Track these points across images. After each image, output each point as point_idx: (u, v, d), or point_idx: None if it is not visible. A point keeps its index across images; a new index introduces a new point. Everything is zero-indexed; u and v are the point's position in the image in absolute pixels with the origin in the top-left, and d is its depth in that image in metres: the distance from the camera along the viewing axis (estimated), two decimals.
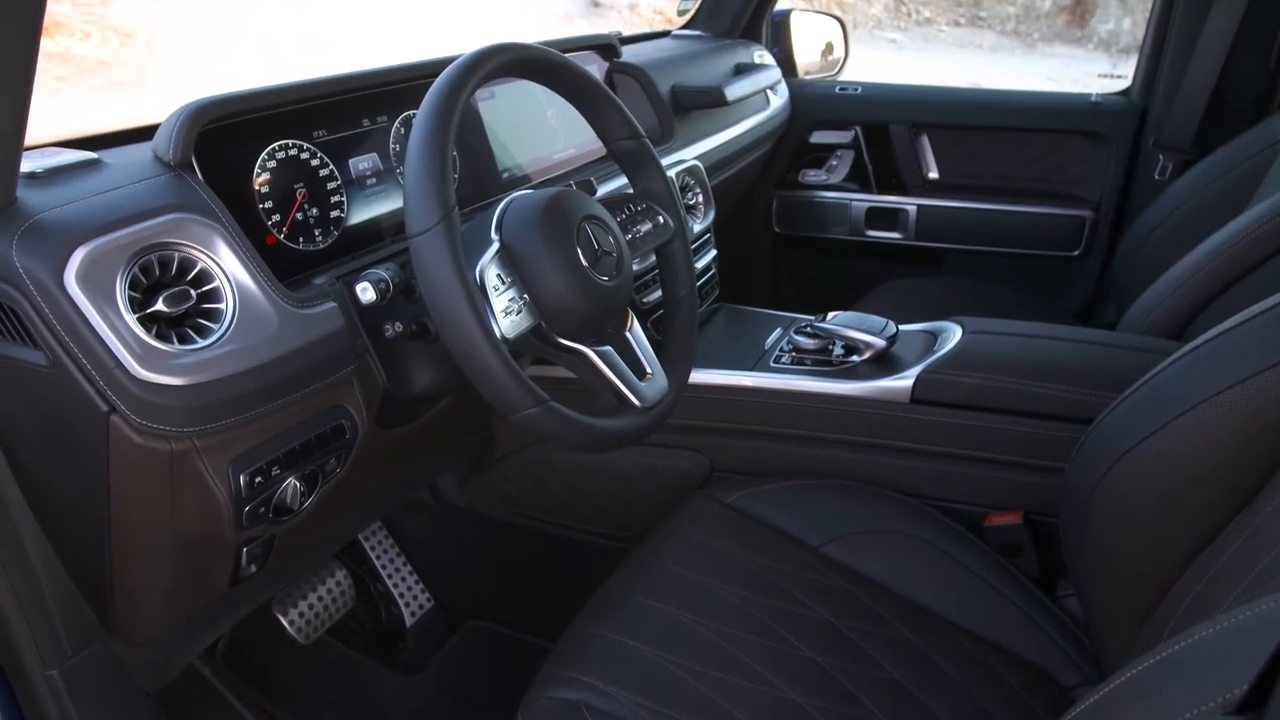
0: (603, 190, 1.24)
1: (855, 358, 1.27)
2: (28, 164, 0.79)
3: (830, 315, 1.31)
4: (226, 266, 0.81)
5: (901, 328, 1.29)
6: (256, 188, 0.90)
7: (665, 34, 2.04)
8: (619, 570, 1.10)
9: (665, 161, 1.38)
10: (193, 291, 0.78)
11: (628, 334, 0.98)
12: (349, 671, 1.48)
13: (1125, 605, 0.87)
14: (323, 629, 1.39)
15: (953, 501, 1.22)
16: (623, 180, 1.12)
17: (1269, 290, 0.84)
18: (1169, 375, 0.86)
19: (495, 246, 0.86)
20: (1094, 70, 8.21)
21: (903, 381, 1.21)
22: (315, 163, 0.96)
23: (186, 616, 0.98)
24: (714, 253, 1.56)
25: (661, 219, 1.05)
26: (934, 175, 2.17)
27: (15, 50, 0.66)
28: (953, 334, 1.28)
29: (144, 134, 0.92)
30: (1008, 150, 2.11)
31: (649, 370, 0.98)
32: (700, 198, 1.51)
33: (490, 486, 1.45)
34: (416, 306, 0.91)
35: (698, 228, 1.49)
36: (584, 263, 0.89)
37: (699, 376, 1.27)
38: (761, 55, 2.06)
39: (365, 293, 0.87)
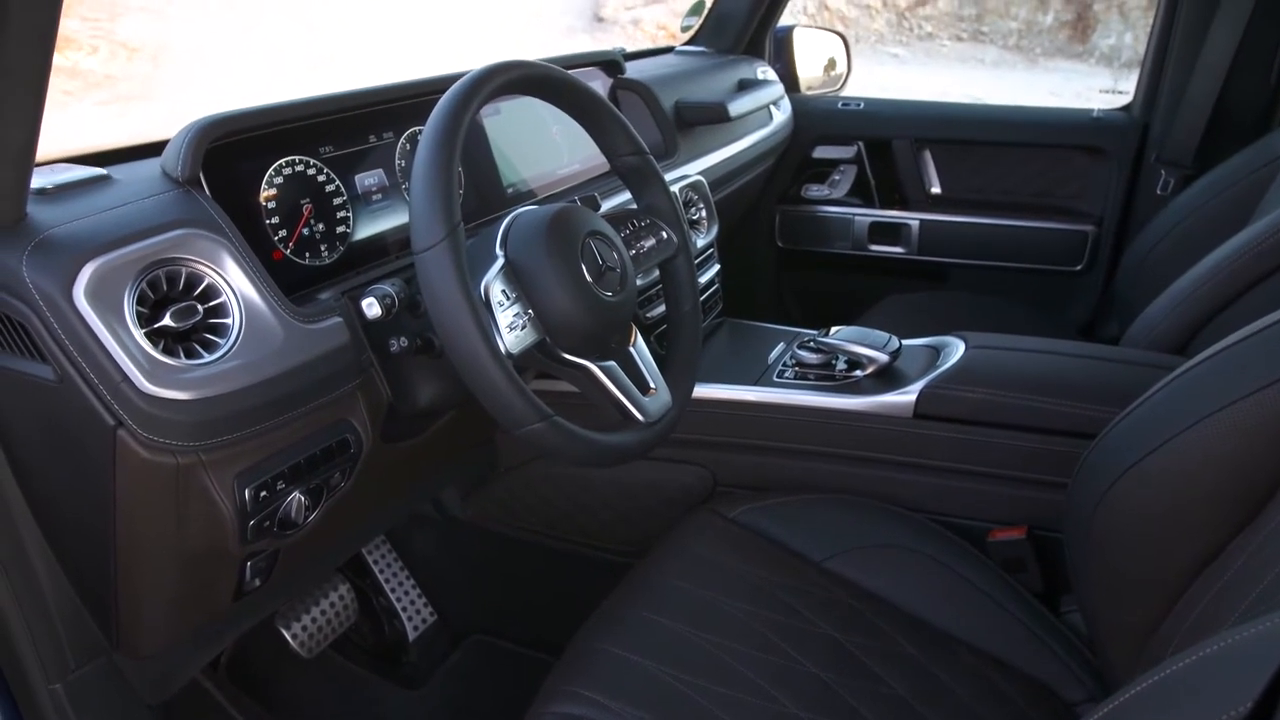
0: (606, 205, 1.24)
1: (858, 372, 1.27)
2: (38, 180, 0.80)
3: (833, 330, 1.31)
4: (233, 282, 0.81)
5: (904, 342, 1.29)
6: (263, 203, 0.91)
7: (669, 50, 2.06)
8: (622, 585, 1.10)
9: (669, 176, 1.39)
10: (200, 306, 0.79)
11: (631, 349, 0.98)
12: (351, 686, 1.48)
13: (1129, 621, 0.86)
14: (325, 643, 1.39)
15: (956, 517, 1.22)
16: (627, 195, 1.13)
17: (1272, 305, 0.84)
18: (1172, 391, 0.86)
19: (500, 262, 0.87)
20: (1096, 85, 8.24)
21: (906, 396, 1.21)
22: (321, 178, 0.97)
23: (190, 630, 0.98)
24: (717, 267, 1.57)
25: (665, 234, 1.06)
26: (936, 190, 2.18)
27: (28, 69, 0.66)
28: (956, 349, 1.28)
29: (153, 150, 0.93)
30: (1010, 165, 2.11)
31: (652, 385, 0.98)
32: (703, 213, 1.52)
33: (494, 500, 1.45)
34: (421, 322, 0.91)
35: (701, 243, 1.49)
36: (588, 278, 0.90)
37: (702, 391, 1.27)
38: (764, 71, 2.07)
39: (370, 308, 0.88)
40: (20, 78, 0.66)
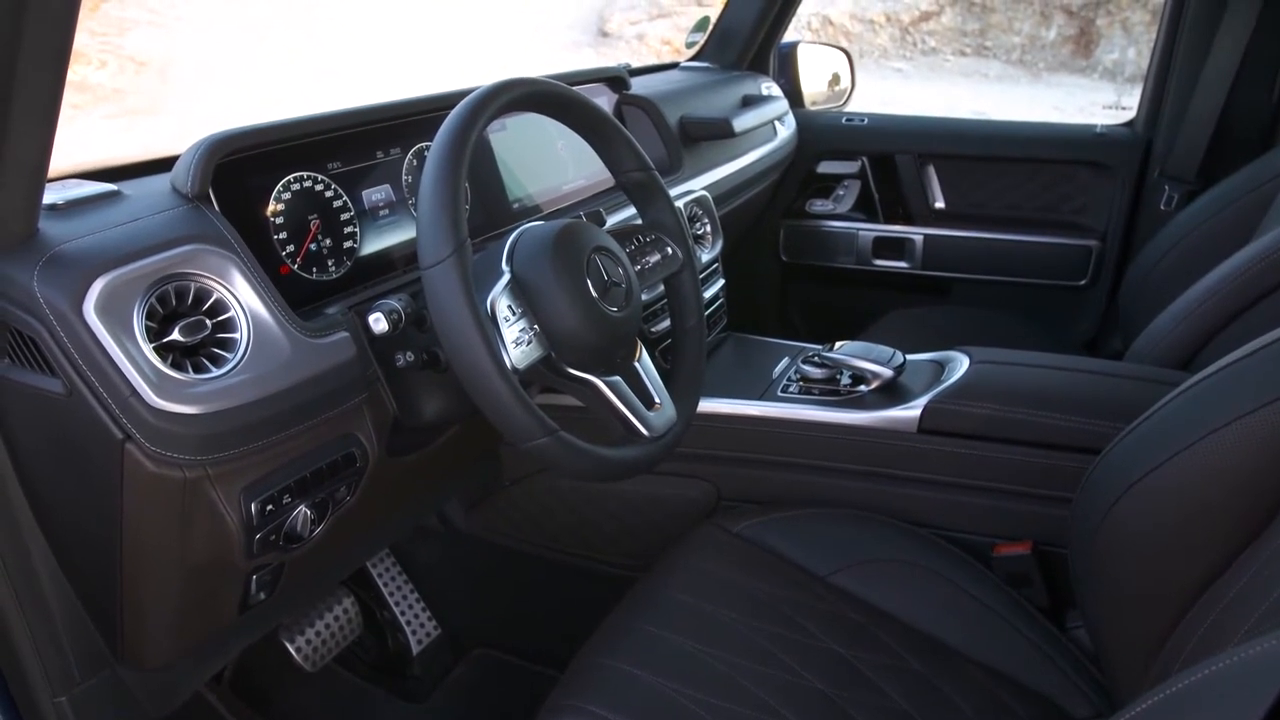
0: (612, 221, 1.25)
1: (863, 387, 1.27)
2: (49, 196, 0.80)
3: (838, 345, 1.31)
4: (241, 296, 0.82)
5: (909, 357, 1.29)
6: (271, 218, 0.92)
7: (673, 66, 2.07)
8: (626, 599, 1.10)
9: (673, 192, 1.39)
10: (208, 321, 0.79)
11: (636, 364, 0.98)
12: (355, 699, 1.48)
13: (1135, 636, 0.86)
14: (329, 656, 1.39)
15: (961, 531, 1.22)
16: (632, 211, 1.13)
17: (1276, 321, 0.84)
18: (1177, 406, 0.86)
19: (506, 278, 0.87)
20: (1100, 100, 8.26)
21: (910, 411, 1.21)
22: (329, 194, 0.97)
23: (195, 643, 0.98)
24: (722, 282, 1.57)
25: (670, 250, 1.06)
26: (940, 205, 2.18)
27: (42, 88, 0.67)
28: (960, 364, 1.28)
29: (162, 165, 0.94)
30: (1014, 180, 2.12)
31: (657, 400, 0.98)
32: (708, 227, 1.52)
33: (498, 513, 1.45)
34: (428, 336, 0.92)
35: (706, 257, 1.50)
36: (593, 294, 0.90)
37: (707, 405, 1.27)
38: (769, 86, 2.09)
39: (377, 322, 0.88)
40: (34, 96, 0.67)
